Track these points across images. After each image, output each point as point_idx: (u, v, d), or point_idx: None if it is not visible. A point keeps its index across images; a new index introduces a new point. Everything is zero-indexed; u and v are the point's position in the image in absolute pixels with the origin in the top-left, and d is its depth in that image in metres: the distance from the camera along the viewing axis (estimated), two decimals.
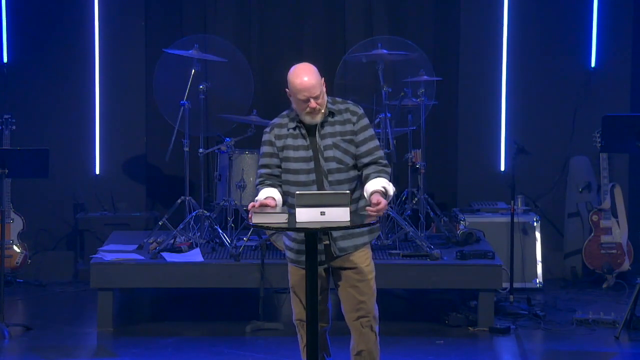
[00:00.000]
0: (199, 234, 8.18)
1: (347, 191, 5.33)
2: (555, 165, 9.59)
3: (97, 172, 9.70)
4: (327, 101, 5.38)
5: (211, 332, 7.67)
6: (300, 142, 5.35)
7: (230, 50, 8.96)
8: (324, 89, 5.37)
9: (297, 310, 5.52)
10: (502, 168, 9.60)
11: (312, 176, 5.33)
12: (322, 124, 5.35)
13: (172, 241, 8.00)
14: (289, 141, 5.35)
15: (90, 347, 7.40)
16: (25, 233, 9.07)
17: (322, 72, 9.37)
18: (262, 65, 9.69)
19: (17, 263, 8.97)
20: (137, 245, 8.13)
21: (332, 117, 5.38)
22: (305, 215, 5.25)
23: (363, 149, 5.37)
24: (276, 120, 5.45)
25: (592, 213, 9.09)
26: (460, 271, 7.68)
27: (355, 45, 8.74)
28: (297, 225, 5.28)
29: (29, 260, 9.06)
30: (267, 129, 5.44)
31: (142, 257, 7.84)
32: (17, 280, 9.05)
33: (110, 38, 9.60)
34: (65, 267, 9.40)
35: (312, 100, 5.29)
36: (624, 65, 9.64)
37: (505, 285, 8.30)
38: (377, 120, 8.32)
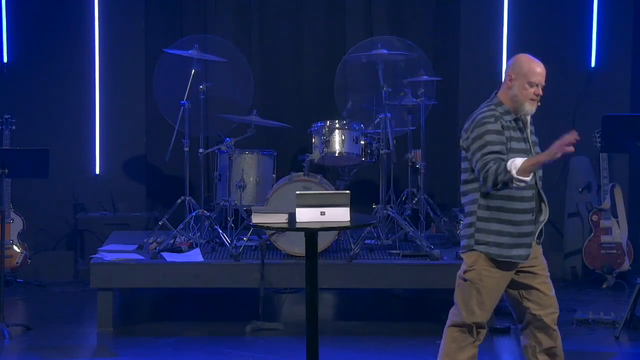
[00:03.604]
0: (199, 234, 8.18)
1: (348, 191, 5.33)
2: (555, 165, 9.59)
3: (97, 172, 9.70)
4: None
5: (211, 332, 7.67)
6: (518, 134, 5.30)
7: (230, 50, 8.96)
8: None
9: (479, 312, 5.34)
10: None
11: None
12: (530, 123, 5.38)
13: (172, 241, 8.01)
14: (512, 133, 5.27)
15: (90, 347, 7.40)
16: (25, 233, 9.07)
17: (322, 72, 9.52)
18: (262, 65, 9.69)
19: (17, 263, 8.97)
20: (137, 245, 8.13)
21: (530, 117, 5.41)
22: (306, 215, 5.26)
23: None
24: (490, 112, 5.30)
25: (592, 213, 9.10)
26: None
27: (355, 45, 8.75)
28: (297, 225, 5.29)
29: (29, 260, 9.06)
30: (489, 120, 5.25)
31: (142, 257, 7.84)
32: (17, 280, 9.04)
33: (110, 38, 9.60)
34: (65, 267, 9.39)
35: (540, 87, 5.28)
36: (624, 65, 9.65)
37: None
38: (377, 120, 8.32)
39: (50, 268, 9.33)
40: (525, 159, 5.12)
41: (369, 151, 8.25)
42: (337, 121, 8.20)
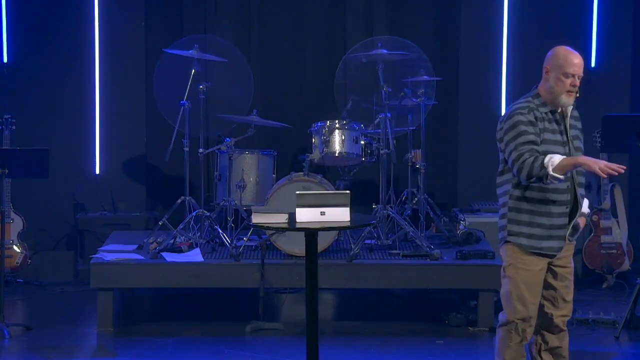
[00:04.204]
0: (199, 234, 8.18)
1: (348, 191, 5.33)
2: None
3: (97, 172, 9.70)
4: None
5: (211, 332, 7.67)
6: (554, 126, 5.28)
7: (230, 50, 8.96)
8: None
9: (521, 308, 5.30)
10: None
11: None
12: (570, 116, 5.33)
13: (172, 241, 8.00)
14: (546, 124, 5.26)
15: (90, 347, 7.40)
16: (25, 233, 9.07)
17: (322, 72, 9.52)
18: (262, 65, 9.69)
19: (17, 263, 8.96)
20: (137, 245, 8.13)
21: (573, 110, 5.36)
22: (306, 215, 5.26)
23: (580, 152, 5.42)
24: (525, 104, 5.29)
25: (592, 213, 9.09)
26: (460, 271, 7.68)
27: (355, 45, 8.74)
28: (297, 225, 5.28)
29: (29, 260, 9.05)
30: (522, 110, 5.24)
31: (142, 257, 7.84)
32: (17, 280, 9.04)
33: (110, 38, 9.60)
34: (65, 267, 9.39)
35: (576, 78, 5.25)
36: (624, 65, 9.64)
37: None
38: (377, 120, 8.32)
39: (50, 268, 9.33)
40: (563, 157, 5.12)
41: (369, 151, 8.25)
42: (337, 121, 8.20)
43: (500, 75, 9.64)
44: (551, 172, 5.07)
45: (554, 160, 5.09)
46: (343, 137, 8.15)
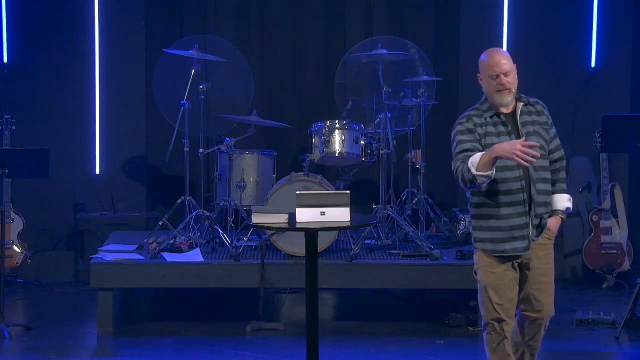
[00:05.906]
0: (199, 234, 8.18)
1: (348, 191, 5.32)
2: None
3: (97, 172, 9.70)
4: (519, 93, 5.34)
5: (211, 332, 7.67)
6: (500, 128, 5.28)
7: (230, 50, 8.96)
8: (515, 73, 5.34)
9: (491, 309, 5.33)
10: None
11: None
12: (521, 113, 5.31)
13: (172, 241, 8.01)
14: (490, 128, 5.28)
15: (90, 347, 7.40)
16: (25, 233, 9.07)
17: (322, 72, 9.52)
18: (262, 65, 9.69)
19: (17, 263, 8.97)
20: (137, 245, 8.14)
21: (527, 106, 5.35)
22: (306, 215, 5.26)
23: (554, 144, 5.40)
24: (468, 112, 5.35)
25: (592, 213, 9.09)
26: (460, 271, 7.67)
27: (355, 45, 8.75)
28: (297, 225, 5.28)
29: (29, 260, 9.06)
30: (462, 120, 5.31)
31: (142, 257, 7.84)
32: (17, 280, 9.05)
33: (110, 38, 9.61)
34: (65, 267, 9.40)
35: (501, 76, 5.28)
36: (624, 65, 9.65)
37: None
38: (377, 120, 8.33)
39: (50, 268, 9.33)
40: (482, 153, 5.11)
41: (369, 151, 8.25)
42: (337, 121, 8.20)
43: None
44: (475, 172, 5.08)
45: (474, 160, 5.10)
46: (343, 137, 8.15)
